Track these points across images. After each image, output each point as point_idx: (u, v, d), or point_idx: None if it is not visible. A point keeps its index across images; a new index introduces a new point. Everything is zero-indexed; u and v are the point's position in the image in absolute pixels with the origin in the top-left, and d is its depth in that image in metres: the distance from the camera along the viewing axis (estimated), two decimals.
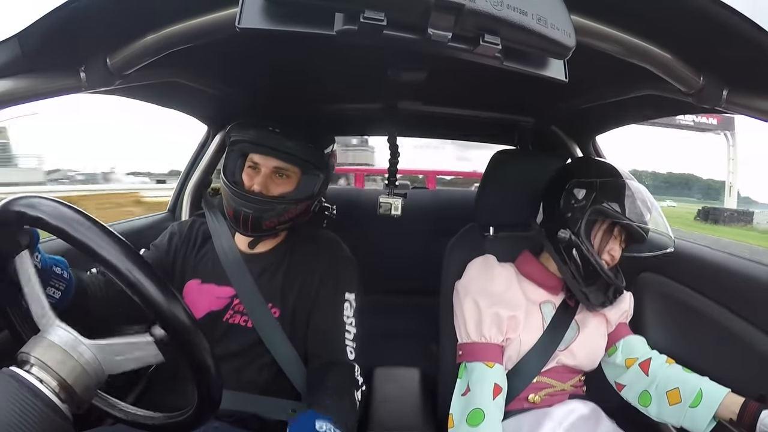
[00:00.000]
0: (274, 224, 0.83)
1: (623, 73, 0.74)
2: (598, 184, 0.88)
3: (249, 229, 0.83)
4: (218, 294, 0.86)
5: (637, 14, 0.48)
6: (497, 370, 0.84)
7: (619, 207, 0.85)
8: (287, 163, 0.83)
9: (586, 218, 0.86)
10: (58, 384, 0.43)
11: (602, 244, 0.87)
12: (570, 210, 0.88)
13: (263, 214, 0.81)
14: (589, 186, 0.88)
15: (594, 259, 0.85)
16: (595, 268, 0.85)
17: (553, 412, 0.86)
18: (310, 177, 0.87)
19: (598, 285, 0.87)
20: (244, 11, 0.39)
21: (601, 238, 0.87)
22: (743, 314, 0.86)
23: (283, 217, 0.83)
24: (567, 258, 0.87)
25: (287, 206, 0.83)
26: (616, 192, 0.86)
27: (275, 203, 0.82)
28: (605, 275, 0.85)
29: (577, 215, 0.86)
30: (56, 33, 0.50)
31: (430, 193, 2.33)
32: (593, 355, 0.93)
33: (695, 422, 0.80)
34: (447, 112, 1.27)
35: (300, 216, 0.87)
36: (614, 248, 0.87)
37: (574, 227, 0.86)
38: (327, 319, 0.86)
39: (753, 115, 0.56)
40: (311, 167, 0.86)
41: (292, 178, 0.85)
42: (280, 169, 0.83)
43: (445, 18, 0.37)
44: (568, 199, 0.89)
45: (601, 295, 0.88)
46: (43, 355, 0.44)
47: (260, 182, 0.82)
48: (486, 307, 0.87)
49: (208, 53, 0.70)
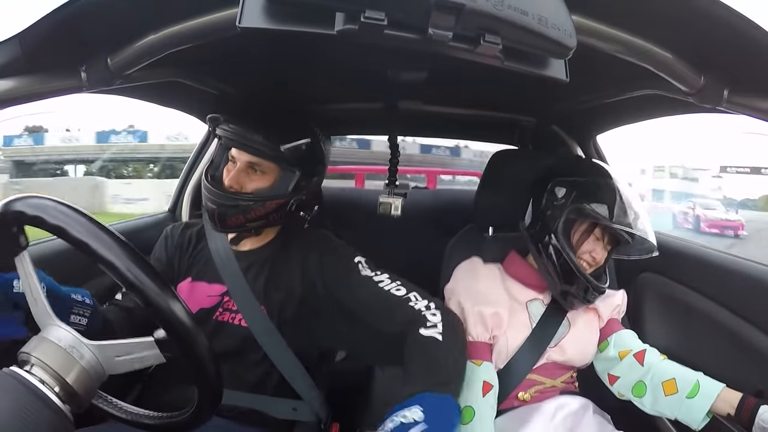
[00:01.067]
0: (240, 221, 0.82)
1: (624, 73, 0.74)
2: (579, 183, 0.88)
3: (217, 224, 0.82)
4: (209, 292, 0.86)
5: (638, 14, 0.48)
6: (486, 368, 0.85)
7: (600, 208, 0.85)
8: (259, 157, 0.81)
9: (564, 217, 0.86)
10: (58, 384, 0.43)
11: (582, 245, 0.87)
12: (550, 208, 0.89)
13: (227, 211, 0.80)
14: (569, 185, 0.88)
15: (569, 258, 0.84)
16: (570, 267, 0.85)
17: (543, 407, 0.86)
18: (287, 174, 0.84)
19: (577, 285, 0.86)
20: (244, 11, 0.39)
21: (580, 239, 0.87)
22: (743, 314, 0.86)
23: (250, 214, 0.81)
24: (545, 257, 0.88)
25: (253, 204, 0.81)
26: (598, 192, 0.86)
27: (239, 200, 0.80)
28: (580, 275, 0.84)
29: (555, 214, 0.87)
30: (57, 33, 0.50)
31: (431, 193, 2.32)
32: (584, 350, 0.93)
33: (691, 414, 0.80)
34: (447, 111, 1.27)
35: (272, 214, 0.84)
36: (596, 250, 0.87)
37: (552, 226, 0.87)
38: (360, 290, 0.82)
39: (754, 115, 0.55)
40: (285, 163, 0.83)
41: (268, 174, 0.83)
42: (254, 164, 0.82)
43: (446, 18, 0.37)
44: (549, 197, 0.90)
45: (579, 294, 0.87)
46: (43, 356, 0.44)
47: (233, 177, 0.81)
48: (470, 306, 0.88)
49: (208, 53, 0.70)
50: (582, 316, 0.94)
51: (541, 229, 0.89)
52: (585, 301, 0.88)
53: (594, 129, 1.29)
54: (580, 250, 0.87)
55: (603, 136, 1.32)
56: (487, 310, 0.87)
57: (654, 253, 0.90)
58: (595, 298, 0.88)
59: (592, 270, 0.88)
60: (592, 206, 0.85)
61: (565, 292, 0.87)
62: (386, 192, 1.18)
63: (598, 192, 0.86)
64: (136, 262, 0.46)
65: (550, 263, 0.87)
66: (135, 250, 0.47)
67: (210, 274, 0.87)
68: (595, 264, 0.88)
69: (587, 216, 0.86)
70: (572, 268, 0.84)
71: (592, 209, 0.85)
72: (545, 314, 0.92)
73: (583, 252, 0.87)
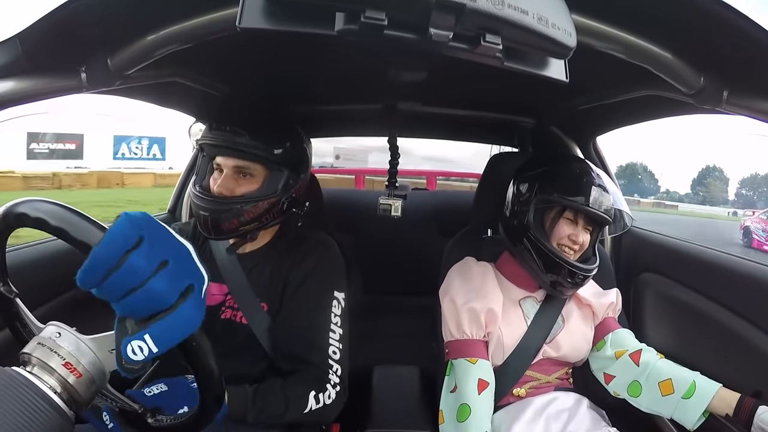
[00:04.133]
0: (234, 225, 0.81)
1: (624, 74, 0.74)
2: (540, 174, 0.91)
3: (210, 231, 0.82)
4: (212, 291, 0.87)
5: (638, 14, 0.48)
6: (481, 366, 0.85)
7: (564, 191, 0.87)
8: (245, 160, 0.81)
9: (533, 208, 0.88)
10: (59, 384, 0.43)
11: (556, 231, 0.88)
12: (517, 205, 0.92)
13: (220, 215, 0.80)
14: (531, 178, 0.92)
15: (544, 247, 0.86)
16: (550, 256, 0.86)
17: (535, 401, 0.87)
18: (275, 174, 0.84)
19: (562, 272, 0.87)
20: (244, 11, 0.39)
21: (552, 225, 0.88)
22: (742, 314, 0.86)
23: (244, 217, 0.81)
24: (525, 251, 0.89)
25: (244, 206, 0.81)
26: (559, 178, 0.89)
27: (231, 203, 0.80)
28: (560, 260, 0.85)
29: (524, 209, 0.90)
30: (57, 33, 0.50)
31: (430, 194, 2.32)
32: (578, 346, 0.93)
33: (686, 414, 0.80)
34: (447, 112, 1.27)
35: (265, 215, 0.84)
36: (573, 233, 0.87)
37: (524, 220, 0.89)
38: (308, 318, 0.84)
39: (753, 116, 0.55)
40: (272, 163, 0.83)
41: (256, 177, 0.83)
42: (241, 169, 0.82)
43: (446, 17, 0.37)
44: (516, 195, 0.93)
45: (566, 281, 0.87)
46: (44, 356, 0.44)
47: (222, 183, 0.81)
48: (462, 304, 0.89)
49: (208, 53, 0.70)
50: (576, 312, 0.95)
51: (516, 226, 0.91)
52: (574, 285, 0.88)
53: (593, 130, 1.29)
54: (557, 237, 0.88)
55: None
56: (481, 306, 0.88)
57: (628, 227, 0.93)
58: (583, 280, 0.88)
59: (579, 254, 0.89)
60: (555, 194, 0.87)
61: (553, 282, 0.88)
62: (386, 193, 1.18)
63: (559, 178, 0.89)
64: None
65: (530, 257, 0.88)
66: None
67: (213, 274, 0.88)
68: (579, 247, 0.88)
69: (553, 202, 0.88)
70: (551, 257, 0.86)
71: (557, 195, 0.87)
72: (540, 311, 0.93)
73: (561, 237, 0.88)
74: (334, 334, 0.84)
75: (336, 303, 0.86)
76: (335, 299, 0.86)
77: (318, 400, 0.78)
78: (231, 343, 0.84)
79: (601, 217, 0.87)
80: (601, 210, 0.86)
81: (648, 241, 1.22)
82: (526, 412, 0.85)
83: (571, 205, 0.86)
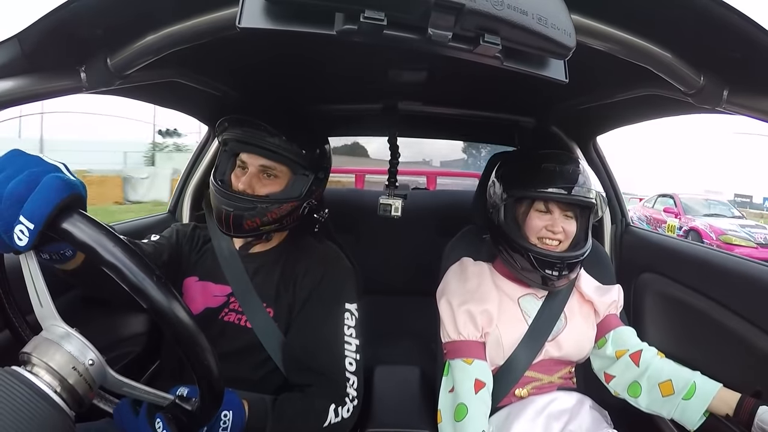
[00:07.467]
0: (256, 224, 0.81)
1: (623, 73, 0.74)
2: (505, 173, 0.94)
3: (230, 228, 0.81)
4: (215, 292, 0.86)
5: (638, 14, 0.48)
6: (477, 366, 0.85)
7: (527, 183, 0.88)
8: (273, 161, 0.81)
9: (503, 207, 0.91)
10: (60, 384, 0.43)
11: (530, 224, 0.88)
12: (491, 207, 0.94)
13: (244, 213, 0.80)
14: (498, 178, 0.94)
15: (517, 243, 0.87)
16: (521, 250, 0.87)
17: (536, 400, 0.87)
18: (300, 178, 0.85)
19: (547, 264, 0.86)
20: (244, 11, 0.39)
21: (523, 219, 0.89)
22: (742, 314, 0.86)
23: (266, 217, 0.81)
24: (504, 251, 0.90)
25: (269, 206, 0.81)
26: (521, 173, 0.91)
27: (257, 202, 0.80)
28: (532, 253, 0.86)
29: (497, 209, 0.92)
30: (56, 33, 0.50)
31: (431, 194, 2.32)
32: (581, 345, 0.93)
33: (687, 415, 0.80)
34: (447, 112, 1.27)
35: (286, 218, 0.84)
36: (551, 224, 0.87)
37: (498, 217, 0.91)
38: (323, 331, 0.83)
39: (753, 116, 0.55)
40: (299, 167, 0.84)
41: (280, 179, 0.83)
42: (267, 168, 0.82)
43: (446, 18, 0.37)
44: (490, 196, 0.96)
45: (554, 274, 0.87)
46: (44, 356, 0.44)
47: (245, 181, 0.81)
48: (457, 305, 0.90)
49: (208, 53, 0.70)
50: (578, 310, 0.95)
51: (493, 228, 0.93)
52: (561, 277, 0.87)
53: (593, 130, 1.29)
54: (534, 231, 0.88)
55: None
56: (476, 308, 0.88)
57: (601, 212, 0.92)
58: (575, 267, 0.88)
59: (568, 243, 0.89)
60: (519, 188, 0.89)
61: (543, 278, 0.88)
62: (386, 193, 1.18)
63: (521, 173, 0.91)
64: (139, 265, 0.45)
65: (506, 251, 0.90)
66: (136, 251, 0.47)
67: (217, 274, 0.87)
68: (565, 236, 0.88)
69: (518, 196, 0.89)
70: (527, 252, 0.86)
71: (520, 189, 0.88)
72: (542, 309, 0.92)
73: (538, 230, 0.88)
74: (350, 346, 0.83)
75: (349, 315, 0.85)
76: (347, 311, 0.85)
77: (337, 413, 0.77)
78: (233, 346, 0.83)
79: (571, 199, 0.86)
80: (570, 193, 0.85)
81: (648, 241, 1.22)
82: (526, 412, 0.85)
83: (536, 195, 0.87)
